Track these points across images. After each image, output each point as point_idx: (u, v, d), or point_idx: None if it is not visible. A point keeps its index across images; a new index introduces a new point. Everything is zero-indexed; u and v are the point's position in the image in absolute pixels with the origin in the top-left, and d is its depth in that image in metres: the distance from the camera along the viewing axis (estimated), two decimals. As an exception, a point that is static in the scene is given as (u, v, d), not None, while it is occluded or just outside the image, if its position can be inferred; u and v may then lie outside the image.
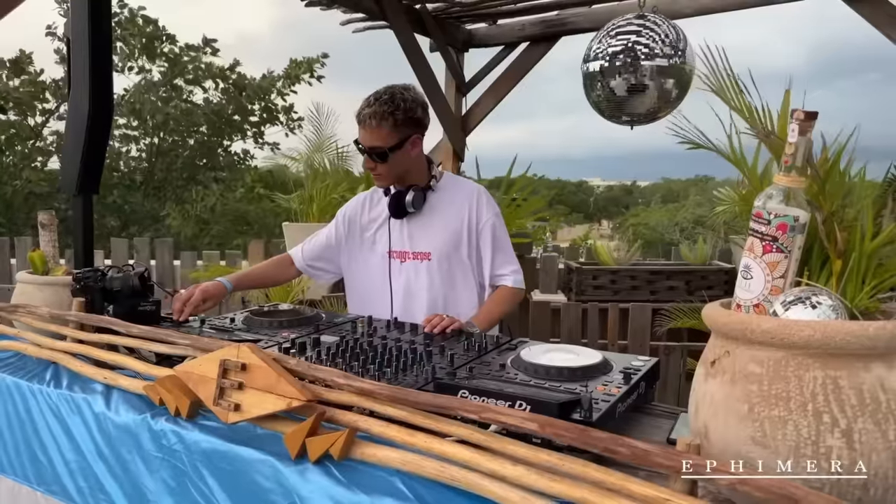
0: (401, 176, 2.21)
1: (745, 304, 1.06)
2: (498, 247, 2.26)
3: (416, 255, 2.26)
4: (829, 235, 1.01)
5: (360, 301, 2.34)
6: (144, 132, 16.41)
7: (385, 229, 2.29)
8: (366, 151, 2.14)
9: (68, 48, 2.61)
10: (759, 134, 1.12)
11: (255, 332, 1.88)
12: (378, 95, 2.12)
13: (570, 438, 0.99)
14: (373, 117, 2.09)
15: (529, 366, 1.47)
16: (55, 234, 2.30)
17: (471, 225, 2.24)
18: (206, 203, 15.20)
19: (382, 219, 2.30)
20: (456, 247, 2.23)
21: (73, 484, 1.68)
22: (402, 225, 2.27)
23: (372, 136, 2.11)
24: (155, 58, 15.63)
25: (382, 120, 2.08)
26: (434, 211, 2.26)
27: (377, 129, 2.09)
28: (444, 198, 2.27)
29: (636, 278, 5.06)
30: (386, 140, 2.11)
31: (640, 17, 3.17)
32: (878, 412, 0.88)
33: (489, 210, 2.26)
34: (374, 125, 2.09)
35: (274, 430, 1.30)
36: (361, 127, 2.13)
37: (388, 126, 2.09)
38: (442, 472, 1.08)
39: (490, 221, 2.25)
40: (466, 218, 2.24)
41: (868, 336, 0.89)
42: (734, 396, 0.96)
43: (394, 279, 2.27)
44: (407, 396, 1.16)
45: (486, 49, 5.02)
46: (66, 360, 1.82)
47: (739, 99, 1.14)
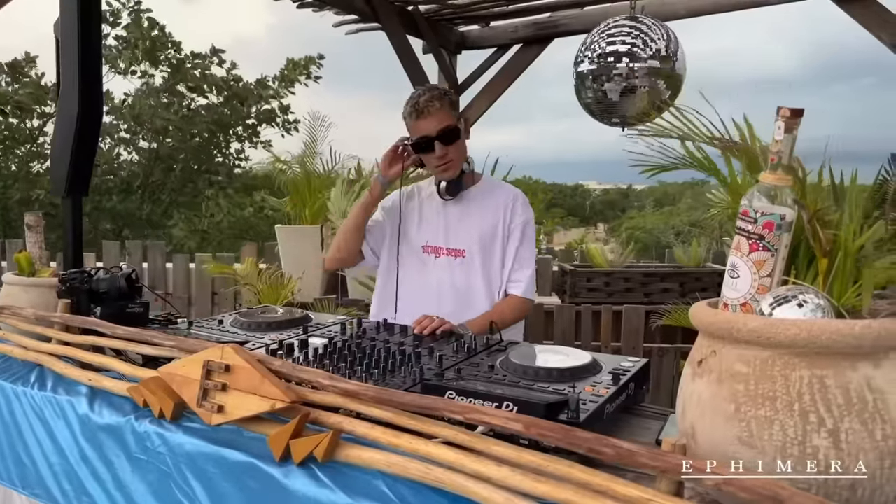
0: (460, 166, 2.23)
1: (733, 304, 1.05)
2: (521, 251, 2.24)
3: (450, 252, 2.25)
4: (815, 234, 1.01)
5: (385, 294, 2.33)
6: (143, 137, 16.38)
7: (423, 223, 2.30)
8: (435, 138, 2.13)
9: (58, 50, 2.60)
10: (720, 146, 1.11)
11: (243, 333, 1.86)
12: (427, 88, 2.19)
13: (555, 439, 0.97)
14: (434, 100, 2.12)
15: (518, 367, 1.45)
16: (42, 235, 2.28)
17: (504, 225, 2.24)
18: (215, 219, 15.22)
19: (420, 213, 2.31)
20: (489, 247, 2.23)
21: (58, 487, 1.66)
22: (439, 221, 2.27)
23: (439, 119, 2.13)
24: (158, 63, 15.60)
25: (442, 102, 2.13)
26: (472, 209, 2.26)
27: (440, 110, 2.13)
28: (483, 197, 2.27)
29: (630, 280, 5.05)
30: (452, 119, 2.15)
31: (632, 18, 3.17)
32: (865, 412, 0.87)
33: (524, 214, 2.26)
34: (437, 107, 2.12)
35: (258, 431, 1.29)
36: (422, 117, 2.13)
37: (447, 108, 2.15)
38: (427, 473, 1.07)
39: (521, 224, 2.25)
40: (502, 218, 2.24)
41: (854, 335, 0.88)
42: (721, 396, 0.95)
43: (427, 274, 2.26)
44: (392, 397, 1.15)
45: (478, 51, 5.02)
46: (50, 362, 1.80)
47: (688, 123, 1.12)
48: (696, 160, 1.14)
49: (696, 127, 1.10)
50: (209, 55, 15.84)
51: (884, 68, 41.01)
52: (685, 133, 1.10)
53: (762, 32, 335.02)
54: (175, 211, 15.83)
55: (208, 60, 15.90)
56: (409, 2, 4.44)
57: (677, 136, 1.10)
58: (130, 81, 15.79)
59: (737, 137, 1.10)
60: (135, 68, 15.51)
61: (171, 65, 15.68)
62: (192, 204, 15.97)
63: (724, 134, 1.10)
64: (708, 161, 1.15)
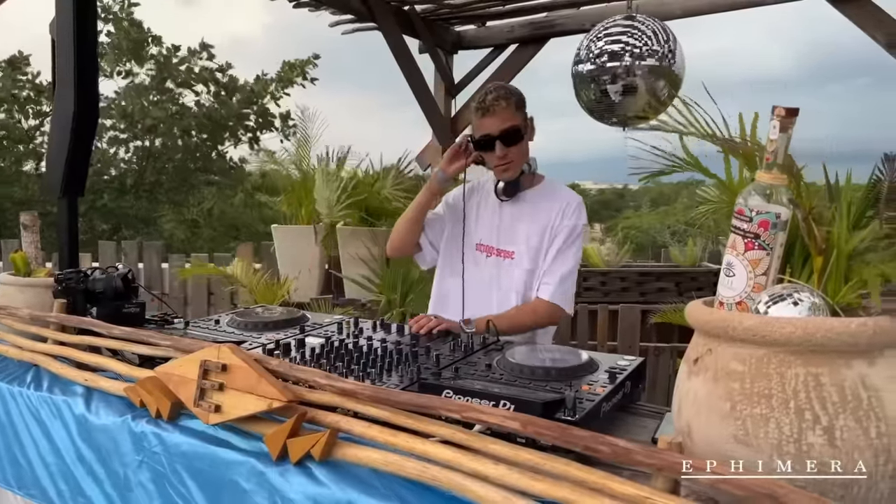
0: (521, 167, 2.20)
1: (728, 302, 1.05)
2: (559, 254, 2.16)
3: (499, 252, 2.23)
4: (810, 233, 1.01)
5: (441, 290, 2.33)
6: (134, 135, 16.34)
7: (479, 221, 2.28)
8: (497, 138, 2.10)
9: (53, 49, 2.59)
10: (720, 143, 1.12)
11: (239, 333, 1.86)
12: (496, 86, 2.15)
13: (552, 437, 0.98)
14: (500, 99, 2.09)
15: (515, 366, 1.46)
16: (38, 235, 2.28)
17: (552, 229, 2.18)
18: (204, 206, 15.17)
19: (478, 211, 2.30)
20: (537, 250, 2.18)
21: (53, 487, 1.66)
22: (493, 220, 2.25)
23: (503, 118, 2.10)
24: (143, 61, 15.57)
25: (508, 102, 2.10)
26: (525, 211, 2.22)
27: (505, 110, 2.10)
28: (540, 200, 2.23)
29: (626, 280, 5.07)
30: (517, 120, 2.12)
31: (629, 18, 3.18)
32: (860, 409, 0.88)
33: (573, 218, 2.18)
34: (503, 106, 2.09)
35: (255, 431, 1.29)
36: (487, 115, 2.10)
37: (513, 108, 2.11)
38: (424, 472, 1.07)
39: (568, 228, 2.17)
40: (552, 222, 2.18)
41: (849, 333, 0.88)
42: (716, 394, 0.95)
43: (478, 273, 2.24)
44: (388, 396, 1.15)
45: (475, 51, 5.02)
46: (46, 362, 1.80)
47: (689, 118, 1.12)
48: (694, 161, 1.14)
49: (699, 122, 1.11)
50: (199, 50, 15.82)
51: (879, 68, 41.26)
52: (687, 128, 1.10)
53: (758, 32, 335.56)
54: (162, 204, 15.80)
55: (197, 56, 15.88)
56: (406, 1, 4.44)
57: (679, 131, 1.10)
58: (116, 82, 15.81)
59: (737, 135, 1.10)
60: (119, 68, 15.48)
61: (157, 62, 15.65)
62: (187, 202, 15.94)
63: (723, 132, 1.10)
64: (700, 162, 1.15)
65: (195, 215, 15.25)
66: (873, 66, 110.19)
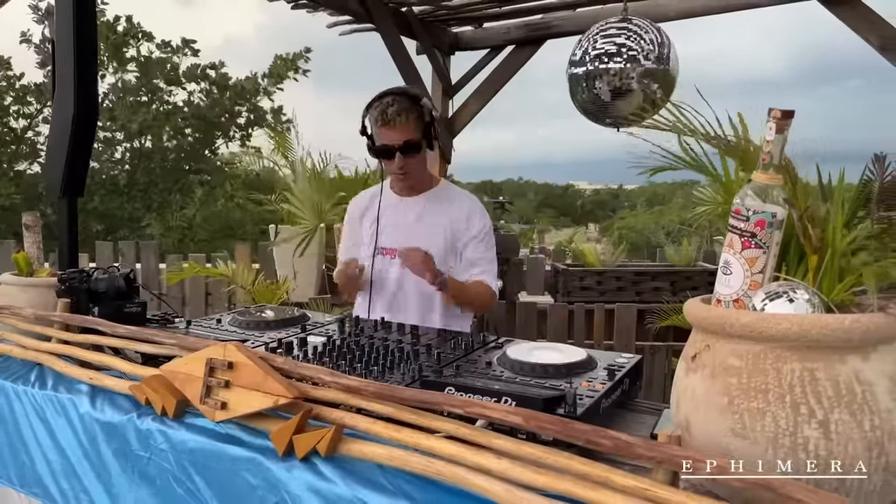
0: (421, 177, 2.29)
1: (725, 300, 1.08)
2: (487, 248, 2.31)
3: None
4: (805, 232, 1.04)
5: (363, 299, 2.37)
6: (124, 136, 16.29)
7: (380, 228, 2.33)
8: (397, 150, 2.16)
9: (53, 50, 2.60)
10: (715, 143, 1.14)
11: (241, 332, 1.88)
12: (398, 97, 2.16)
13: (554, 431, 1.00)
14: (402, 113, 2.13)
15: (515, 363, 1.48)
16: (39, 235, 2.29)
17: (457, 234, 2.29)
18: (186, 212, 15.14)
19: (375, 217, 2.35)
20: (445, 252, 2.27)
21: (56, 485, 1.67)
22: (393, 223, 2.32)
23: (403, 132, 2.14)
24: (125, 62, 15.50)
25: (408, 117, 2.14)
26: (430, 216, 2.31)
27: (405, 124, 2.14)
28: (442, 205, 2.32)
29: (622, 279, 5.10)
30: (416, 134, 2.17)
31: (624, 20, 3.20)
32: (854, 403, 0.90)
33: (481, 220, 2.31)
34: (403, 121, 2.13)
35: (261, 427, 1.31)
36: (387, 127, 2.14)
37: (413, 122, 2.15)
38: (428, 466, 1.09)
39: (478, 227, 2.30)
40: (457, 227, 2.28)
41: (844, 329, 0.91)
42: (714, 390, 0.98)
43: (386, 274, 2.31)
44: (393, 392, 1.17)
45: (472, 52, 5.04)
46: (51, 360, 1.81)
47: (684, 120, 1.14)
48: (692, 159, 1.16)
49: (693, 124, 1.13)
50: (181, 46, 15.79)
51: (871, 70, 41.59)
52: (682, 129, 1.13)
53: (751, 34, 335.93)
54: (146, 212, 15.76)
55: (181, 52, 15.84)
56: (403, 3, 4.46)
57: (675, 131, 1.13)
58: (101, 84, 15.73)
59: (731, 136, 1.13)
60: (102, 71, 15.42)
61: (140, 63, 15.57)
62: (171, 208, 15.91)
63: (719, 132, 1.12)
64: (699, 159, 1.18)
65: (179, 221, 15.23)
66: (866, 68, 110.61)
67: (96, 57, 2.64)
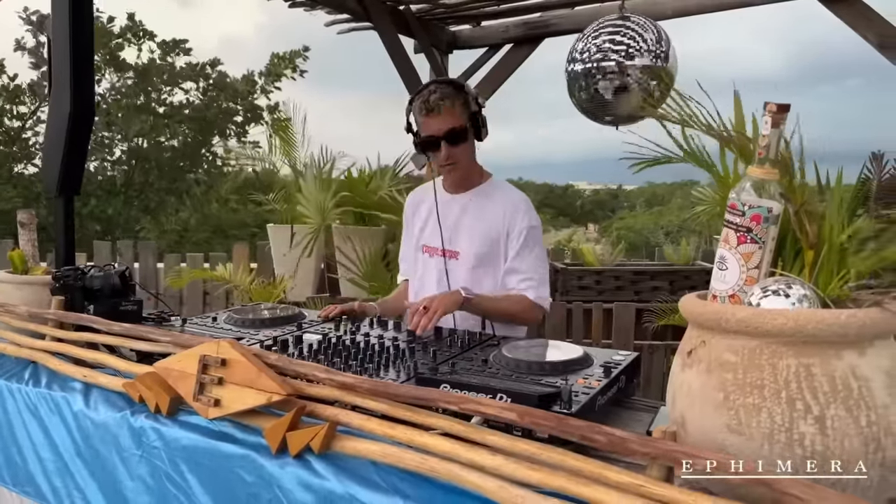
0: (470, 169, 2.17)
1: (721, 295, 1.07)
2: (530, 253, 2.13)
3: (444, 252, 2.19)
4: (802, 227, 1.03)
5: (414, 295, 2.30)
6: (122, 138, 16.30)
7: (427, 225, 2.27)
8: (441, 138, 2.05)
9: (49, 49, 2.59)
10: (717, 137, 1.13)
11: (237, 330, 1.87)
12: (440, 83, 2.09)
13: (549, 427, 0.99)
14: (445, 99, 2.03)
15: (511, 360, 1.47)
16: (35, 232, 2.28)
17: (505, 227, 2.14)
18: (181, 216, 15.16)
19: (425, 215, 2.28)
20: (489, 251, 2.14)
21: (48, 484, 1.66)
22: (437, 221, 2.21)
23: (447, 118, 2.05)
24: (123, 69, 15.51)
25: (453, 101, 2.05)
26: (471, 210, 2.19)
27: (450, 109, 2.04)
28: (486, 200, 2.19)
29: (620, 279, 5.09)
30: (461, 120, 2.07)
31: (623, 18, 3.20)
32: (850, 398, 0.90)
33: (528, 219, 2.14)
34: (447, 106, 2.04)
35: (254, 424, 1.30)
36: (431, 115, 2.05)
37: (458, 108, 2.06)
38: (422, 463, 1.08)
39: (526, 227, 2.13)
40: (498, 226, 2.14)
41: (840, 324, 0.90)
42: (710, 385, 0.97)
43: (424, 274, 2.26)
44: (387, 389, 1.16)
45: (470, 51, 5.04)
46: (45, 358, 1.80)
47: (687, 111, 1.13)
48: (691, 151, 1.15)
49: (695, 116, 1.12)
50: (172, 46, 15.80)
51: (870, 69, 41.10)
52: (688, 120, 1.12)
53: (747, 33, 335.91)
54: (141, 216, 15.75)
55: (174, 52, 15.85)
56: (401, 1, 4.46)
57: (677, 121, 1.12)
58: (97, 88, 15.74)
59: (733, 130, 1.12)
60: (98, 77, 15.43)
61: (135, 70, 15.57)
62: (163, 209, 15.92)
63: (719, 126, 1.12)
64: (701, 153, 1.17)
65: (174, 224, 15.25)
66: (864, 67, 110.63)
67: (92, 56, 2.63)
